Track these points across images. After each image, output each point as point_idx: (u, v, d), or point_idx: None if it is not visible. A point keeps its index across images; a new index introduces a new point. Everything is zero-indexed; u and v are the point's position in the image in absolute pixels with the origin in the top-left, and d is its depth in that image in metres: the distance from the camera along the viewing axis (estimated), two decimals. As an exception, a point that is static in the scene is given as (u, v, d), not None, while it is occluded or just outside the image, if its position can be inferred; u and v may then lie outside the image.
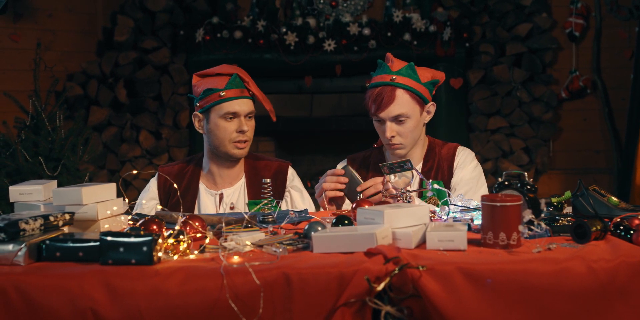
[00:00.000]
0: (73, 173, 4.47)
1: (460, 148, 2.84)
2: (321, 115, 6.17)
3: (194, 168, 2.86)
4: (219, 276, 1.62)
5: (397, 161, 2.39)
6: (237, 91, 2.74)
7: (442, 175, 2.75)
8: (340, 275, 1.62)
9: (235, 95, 2.74)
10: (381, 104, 2.63)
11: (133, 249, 1.68)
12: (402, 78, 2.66)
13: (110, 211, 2.05)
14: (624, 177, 5.62)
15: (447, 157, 2.79)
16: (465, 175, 2.75)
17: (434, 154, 2.80)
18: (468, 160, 2.79)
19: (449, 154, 2.81)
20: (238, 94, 2.74)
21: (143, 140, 5.91)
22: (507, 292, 1.63)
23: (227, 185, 2.83)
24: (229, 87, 2.74)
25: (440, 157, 2.79)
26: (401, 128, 2.67)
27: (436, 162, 2.78)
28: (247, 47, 5.75)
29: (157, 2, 5.98)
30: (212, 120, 2.74)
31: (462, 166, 2.78)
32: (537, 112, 5.89)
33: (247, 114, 2.76)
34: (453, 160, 2.79)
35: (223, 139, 2.74)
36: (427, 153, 2.81)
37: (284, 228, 2.10)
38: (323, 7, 5.91)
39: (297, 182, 2.90)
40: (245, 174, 2.85)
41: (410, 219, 1.89)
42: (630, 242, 1.86)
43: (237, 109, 2.73)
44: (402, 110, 2.64)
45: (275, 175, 2.84)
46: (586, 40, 6.07)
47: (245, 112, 2.75)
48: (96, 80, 5.90)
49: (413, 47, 5.65)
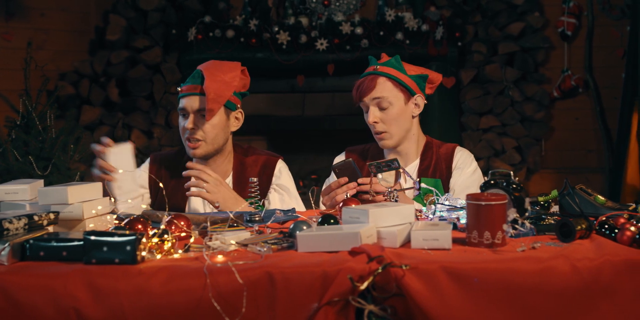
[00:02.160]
0: (64, 172, 4.46)
1: (459, 148, 2.86)
2: (314, 115, 6.17)
3: (187, 160, 2.80)
4: (202, 275, 1.62)
5: (385, 160, 2.39)
6: (191, 87, 2.70)
7: (440, 174, 2.77)
8: (323, 275, 1.62)
9: (188, 92, 2.70)
10: (364, 90, 2.70)
11: (116, 248, 1.67)
12: (385, 68, 2.74)
13: (95, 211, 2.04)
14: (615, 176, 5.63)
15: (445, 157, 2.81)
16: (465, 179, 2.76)
17: (431, 153, 2.82)
18: (467, 163, 2.81)
19: (448, 153, 2.82)
20: (190, 90, 2.69)
21: (135, 140, 5.91)
22: (490, 291, 1.63)
23: None
24: (186, 82, 2.73)
25: (438, 156, 2.81)
26: (384, 115, 2.72)
27: (434, 160, 2.79)
28: (239, 46, 5.74)
29: (150, 1, 5.98)
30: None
31: (461, 167, 2.79)
32: (529, 111, 5.89)
33: (198, 111, 2.69)
34: (452, 160, 2.81)
35: (180, 136, 2.75)
36: (425, 151, 2.83)
37: (270, 227, 2.10)
38: (315, 6, 5.90)
39: (285, 179, 2.84)
40: (233, 171, 2.81)
41: (396, 218, 1.89)
42: (615, 241, 1.86)
43: (185, 105, 2.70)
44: (381, 94, 2.70)
45: (261, 170, 2.81)
46: (578, 39, 6.07)
47: (194, 108, 2.68)
48: (88, 79, 5.89)
49: (405, 46, 5.65)
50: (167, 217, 1.96)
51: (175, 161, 2.83)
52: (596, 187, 5.89)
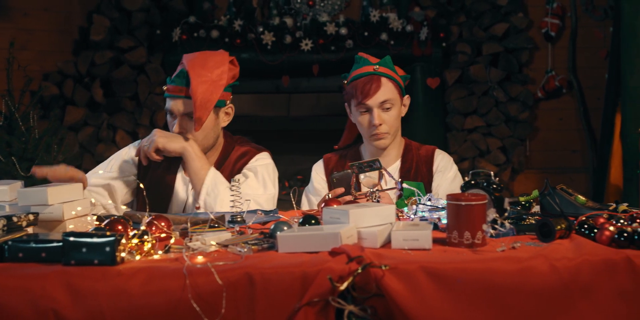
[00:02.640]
0: (47, 173, 4.43)
1: (438, 151, 2.88)
2: (299, 115, 6.17)
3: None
4: (181, 276, 1.61)
5: (367, 160, 2.40)
6: (176, 89, 2.63)
7: (421, 177, 2.77)
8: (303, 275, 1.62)
9: (174, 94, 2.64)
10: (369, 91, 2.68)
11: (96, 249, 1.67)
12: (383, 68, 2.75)
13: (75, 211, 2.03)
14: (599, 176, 5.66)
15: (425, 159, 2.82)
16: (447, 186, 2.76)
17: (411, 155, 2.82)
18: (448, 166, 2.82)
19: (428, 156, 2.83)
20: (176, 91, 2.63)
21: (120, 140, 5.88)
22: (470, 291, 1.63)
23: None
24: (171, 82, 2.66)
25: (419, 158, 2.81)
26: (386, 116, 2.72)
27: (414, 163, 2.80)
28: (224, 47, 5.72)
29: (134, 2, 5.96)
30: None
31: (442, 170, 2.81)
32: (513, 111, 5.92)
33: (185, 114, 2.64)
34: (432, 163, 2.82)
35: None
36: (405, 153, 2.83)
37: (251, 228, 2.10)
38: (300, 7, 5.91)
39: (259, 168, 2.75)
40: (216, 162, 2.78)
41: (376, 219, 1.89)
42: (595, 240, 1.87)
43: (173, 108, 2.65)
44: (387, 96, 2.71)
45: (239, 157, 2.77)
46: (562, 40, 6.10)
47: (181, 112, 2.64)
48: (72, 79, 5.87)
49: (390, 47, 5.66)
50: (147, 218, 1.95)
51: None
52: (580, 187, 5.93)
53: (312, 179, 2.87)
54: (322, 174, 2.85)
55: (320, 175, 2.85)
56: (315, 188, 2.83)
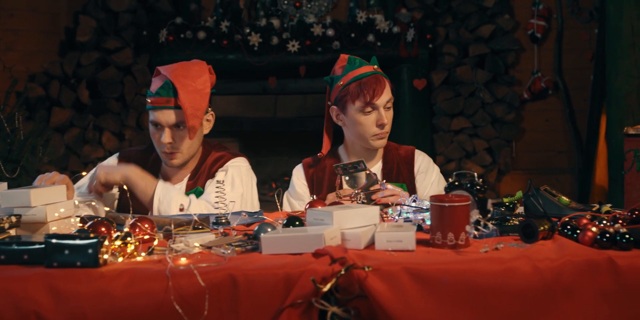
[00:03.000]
0: (33, 175, 4.42)
1: (418, 151, 2.88)
2: (285, 116, 6.17)
3: (154, 159, 2.80)
4: (164, 278, 1.61)
5: (351, 162, 2.40)
6: (163, 100, 2.62)
7: (402, 178, 2.78)
8: (286, 277, 1.63)
9: (160, 105, 2.63)
10: (377, 91, 2.68)
11: (78, 251, 1.66)
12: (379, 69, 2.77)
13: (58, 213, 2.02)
14: (584, 177, 5.69)
15: (406, 160, 2.82)
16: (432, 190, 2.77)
17: (392, 156, 2.82)
18: (430, 168, 2.83)
19: (408, 156, 2.84)
20: (163, 103, 2.62)
21: (106, 142, 5.86)
22: (453, 292, 1.64)
23: (178, 180, 2.78)
24: (156, 94, 2.64)
25: (399, 160, 2.81)
26: (389, 115, 2.74)
27: (396, 164, 2.80)
28: (210, 48, 5.72)
29: (120, 2, 5.94)
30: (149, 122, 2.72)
31: (424, 171, 2.81)
32: (499, 112, 5.93)
33: (173, 125, 2.64)
34: (412, 164, 2.83)
35: (154, 144, 2.73)
36: (385, 154, 2.83)
37: (235, 229, 2.10)
38: (287, 8, 5.91)
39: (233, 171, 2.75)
40: (193, 171, 2.79)
41: (360, 220, 1.89)
42: (577, 241, 1.88)
43: (160, 120, 2.64)
44: (390, 95, 2.73)
45: (213, 163, 2.78)
46: (548, 41, 6.13)
47: (169, 123, 2.64)
48: (58, 80, 5.83)
49: (377, 48, 5.67)
50: (131, 220, 1.95)
51: (142, 159, 2.81)
52: (566, 188, 5.96)
53: (293, 184, 2.86)
54: (302, 179, 2.84)
55: (301, 180, 2.84)
56: (297, 192, 2.83)
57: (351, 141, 2.83)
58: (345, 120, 2.77)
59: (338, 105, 2.77)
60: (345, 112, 2.76)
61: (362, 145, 2.78)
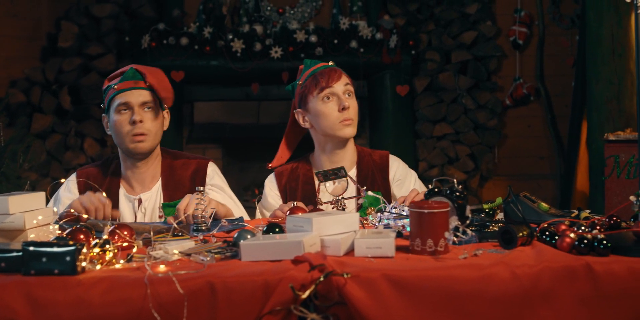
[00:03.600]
0: (13, 181, 4.39)
1: (393, 157, 2.84)
2: (268, 122, 6.16)
3: (113, 171, 2.76)
4: (143, 286, 1.60)
5: (332, 168, 2.40)
6: (131, 83, 2.65)
7: (377, 185, 2.73)
8: (265, 284, 1.62)
9: (128, 87, 2.64)
10: (334, 76, 2.69)
11: (56, 258, 1.65)
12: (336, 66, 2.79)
13: (36, 221, 2.01)
14: (566, 182, 5.72)
15: (380, 167, 2.78)
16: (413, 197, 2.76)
17: (366, 162, 2.79)
18: (407, 175, 2.81)
19: (382, 162, 2.80)
20: (131, 85, 2.64)
21: (88, 148, 5.84)
22: (432, 298, 1.64)
23: (145, 189, 2.74)
24: (121, 80, 2.66)
25: (374, 166, 2.78)
26: (351, 100, 2.71)
27: (370, 171, 2.76)
28: (193, 54, 5.72)
29: (103, 8, 5.92)
30: (110, 118, 2.68)
31: (400, 179, 2.78)
32: (482, 119, 5.96)
33: (142, 104, 2.65)
34: (387, 171, 2.78)
35: (120, 133, 2.65)
36: (359, 160, 2.80)
37: (215, 236, 2.09)
38: (270, 14, 5.92)
39: (218, 179, 2.81)
40: (162, 174, 2.76)
41: (340, 227, 1.89)
42: (555, 247, 1.89)
43: (128, 100, 2.63)
44: (349, 83, 2.74)
45: (193, 174, 2.77)
46: (530, 48, 6.17)
47: (139, 102, 2.64)
48: (40, 86, 5.81)
49: (360, 55, 5.68)
50: (110, 227, 1.94)
51: (100, 175, 2.77)
52: (548, 193, 5.99)
53: (266, 194, 2.83)
54: (275, 190, 2.81)
55: (273, 190, 2.81)
56: (270, 203, 2.79)
57: (320, 143, 2.78)
58: (310, 117, 2.74)
59: (301, 105, 2.76)
60: (307, 108, 2.73)
61: (331, 141, 2.74)
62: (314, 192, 2.67)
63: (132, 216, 2.73)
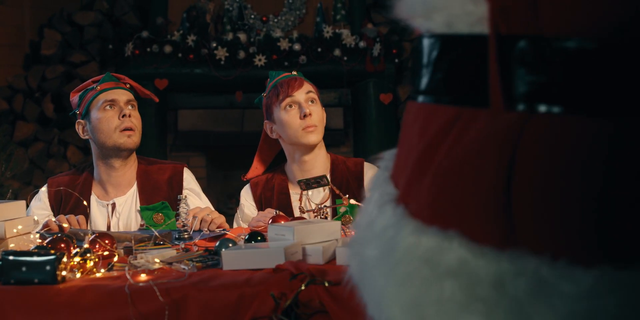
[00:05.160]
0: (-5, 190, 4.37)
1: (367, 165, 2.79)
2: (252, 130, 6.15)
3: (85, 178, 2.75)
4: (123, 294, 1.60)
5: (314, 177, 2.40)
6: (112, 83, 2.70)
7: (352, 193, 2.69)
8: (247, 292, 1.63)
9: (111, 86, 2.69)
10: (295, 84, 2.68)
11: (36, 268, 1.65)
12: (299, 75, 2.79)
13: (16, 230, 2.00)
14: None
15: (355, 174, 2.76)
16: None
17: (340, 170, 2.78)
18: None
19: (357, 170, 2.77)
20: (113, 85, 2.70)
21: (71, 156, 5.81)
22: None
23: (119, 193, 2.73)
24: (102, 81, 2.71)
25: (348, 174, 2.76)
26: (313, 107, 2.69)
27: (345, 179, 2.74)
28: (177, 62, 5.71)
29: (86, 16, 5.91)
30: (93, 118, 2.67)
31: None
32: (465, 127, 5.99)
33: (127, 101, 2.69)
34: (362, 178, 2.75)
35: (108, 129, 2.64)
36: (333, 169, 2.78)
37: (197, 245, 2.09)
38: (254, 22, 5.92)
39: (194, 184, 2.83)
40: (137, 179, 2.75)
41: (321, 235, 1.90)
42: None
43: (114, 97, 2.67)
44: (312, 91, 2.72)
45: (170, 179, 2.77)
46: (512, 56, 6.21)
47: (124, 100, 2.69)
48: (22, 94, 5.78)
49: (343, 63, 5.69)
50: (90, 236, 1.93)
51: (71, 182, 2.75)
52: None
53: (242, 206, 2.82)
54: (250, 200, 2.79)
55: (249, 201, 2.80)
56: (246, 214, 2.77)
57: (290, 153, 2.78)
58: (276, 128, 2.74)
59: (268, 117, 2.77)
60: (273, 119, 2.74)
61: (299, 150, 2.73)
62: (289, 201, 2.66)
63: (105, 222, 2.70)
